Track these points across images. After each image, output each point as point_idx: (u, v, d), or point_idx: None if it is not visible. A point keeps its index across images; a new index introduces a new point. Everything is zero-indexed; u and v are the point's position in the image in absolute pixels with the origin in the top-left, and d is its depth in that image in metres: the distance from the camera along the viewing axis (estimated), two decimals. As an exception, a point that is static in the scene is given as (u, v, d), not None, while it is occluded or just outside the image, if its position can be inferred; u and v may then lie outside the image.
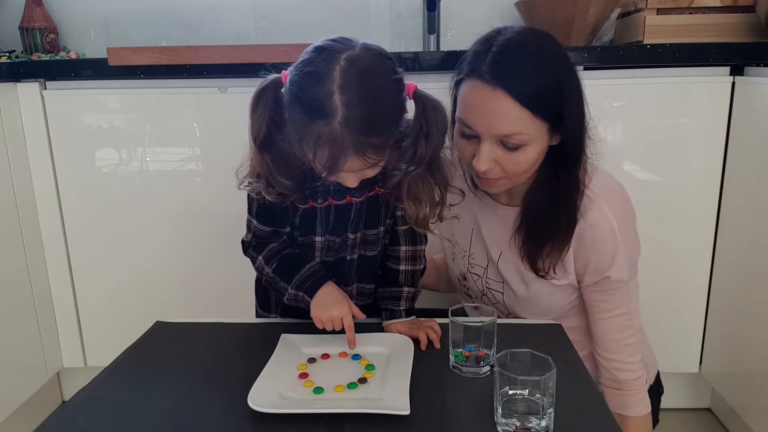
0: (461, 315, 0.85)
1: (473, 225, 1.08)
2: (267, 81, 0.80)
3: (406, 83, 0.79)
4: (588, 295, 1.01)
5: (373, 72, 0.75)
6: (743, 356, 1.34)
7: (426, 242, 1.01)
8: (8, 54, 1.67)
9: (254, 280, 1.07)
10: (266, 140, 0.81)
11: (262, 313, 1.09)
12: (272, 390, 0.76)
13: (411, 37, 1.91)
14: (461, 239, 1.11)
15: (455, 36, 1.90)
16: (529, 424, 0.68)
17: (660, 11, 1.49)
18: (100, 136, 1.49)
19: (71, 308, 1.60)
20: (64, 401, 1.71)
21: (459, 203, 0.91)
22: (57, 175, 1.52)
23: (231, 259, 1.09)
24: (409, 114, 0.82)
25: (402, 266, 0.99)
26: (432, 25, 1.78)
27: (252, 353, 0.88)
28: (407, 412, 0.70)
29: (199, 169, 1.51)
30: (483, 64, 0.87)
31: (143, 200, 1.52)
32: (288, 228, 0.94)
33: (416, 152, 0.80)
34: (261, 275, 0.97)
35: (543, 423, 0.68)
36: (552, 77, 0.87)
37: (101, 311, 1.60)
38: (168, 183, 1.51)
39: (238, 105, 1.46)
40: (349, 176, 0.80)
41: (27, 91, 1.46)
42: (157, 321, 1.02)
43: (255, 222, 0.93)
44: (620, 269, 0.95)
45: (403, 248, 0.98)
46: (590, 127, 0.93)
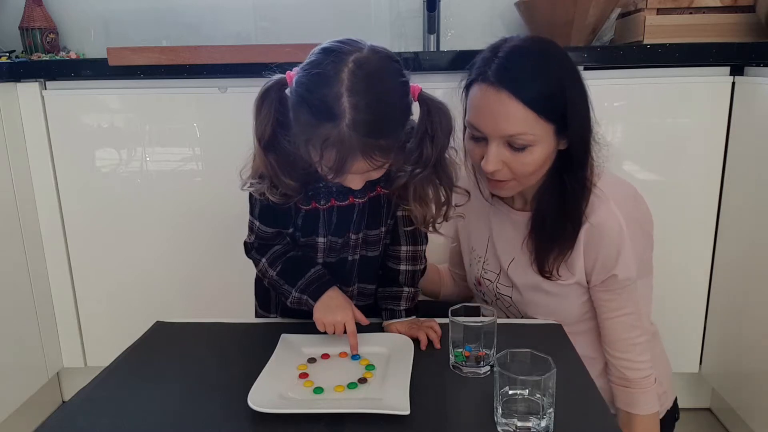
0: (461, 315, 0.85)
1: (489, 233, 1.10)
2: (271, 81, 0.80)
3: (411, 85, 0.79)
4: (596, 295, 1.01)
5: (381, 75, 0.75)
6: (743, 356, 1.34)
7: (426, 242, 1.01)
8: (8, 54, 1.67)
9: (254, 280, 1.07)
10: (271, 141, 0.80)
11: (262, 313, 1.09)
12: (272, 390, 0.76)
13: (411, 37, 1.91)
14: (478, 247, 1.14)
15: (455, 36, 1.90)
16: (529, 424, 0.68)
17: (660, 11, 1.49)
18: (100, 136, 1.49)
19: (71, 308, 1.60)
20: (64, 401, 1.71)
21: (465, 203, 0.92)
22: (57, 175, 1.52)
23: (231, 259, 1.09)
24: (414, 116, 0.82)
25: (402, 266, 0.99)
26: (432, 25, 1.78)
27: (252, 353, 0.88)
28: (407, 412, 0.70)
29: (199, 169, 1.51)
30: (489, 69, 0.90)
31: (143, 200, 1.52)
32: (291, 229, 0.94)
33: (422, 154, 0.81)
34: (264, 278, 0.97)
35: (543, 423, 0.68)
36: (554, 80, 0.90)
37: (101, 311, 1.60)
38: (168, 183, 1.51)
39: (238, 105, 1.46)
40: (355, 178, 0.79)
41: (27, 91, 1.46)
42: (157, 321, 1.02)
43: (258, 223, 0.93)
44: (626, 267, 0.96)
45: (404, 248, 0.98)
46: (597, 131, 0.95)
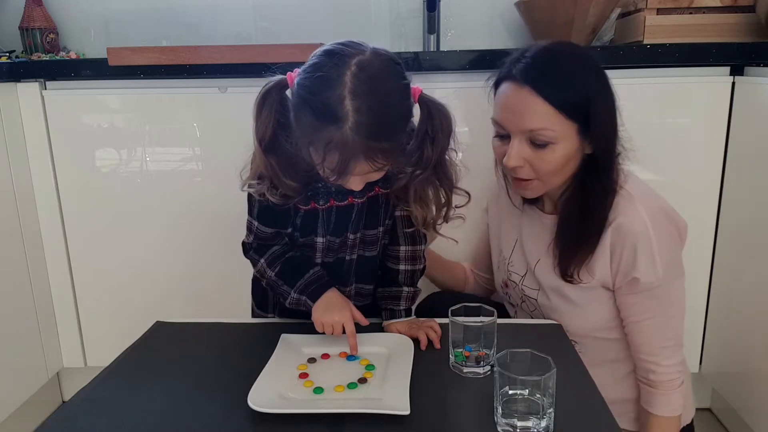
0: (461, 315, 0.85)
1: (518, 235, 1.12)
2: (272, 83, 0.80)
3: (412, 87, 0.79)
4: (621, 299, 1.00)
5: (384, 77, 0.75)
6: (743, 356, 1.34)
7: (425, 242, 1.01)
8: (8, 54, 1.67)
9: (251, 280, 1.07)
10: (272, 142, 0.80)
11: (259, 313, 1.09)
12: (272, 390, 0.76)
13: (411, 37, 1.91)
14: (505, 249, 1.15)
15: (455, 36, 1.90)
16: (529, 424, 0.68)
17: (660, 11, 1.49)
18: (100, 136, 1.49)
19: (71, 308, 1.60)
20: (64, 401, 1.71)
21: (465, 204, 0.92)
22: (57, 175, 1.52)
23: (231, 259, 1.09)
24: (414, 117, 0.82)
25: (401, 266, 0.99)
26: (432, 25, 1.78)
27: (252, 353, 0.88)
28: (407, 412, 0.70)
29: (199, 169, 1.51)
30: (515, 67, 0.93)
31: (143, 200, 1.52)
32: (290, 229, 0.94)
33: (422, 156, 0.81)
34: (262, 278, 0.97)
35: (543, 423, 0.68)
36: (578, 80, 0.92)
37: (101, 311, 1.60)
38: (168, 183, 1.51)
39: (238, 105, 1.46)
40: (356, 180, 0.80)
41: (27, 91, 1.46)
42: (157, 321, 1.02)
43: (257, 224, 0.93)
44: (651, 270, 0.95)
45: (403, 248, 0.98)
46: (623, 137, 0.96)
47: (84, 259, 1.56)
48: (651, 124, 1.40)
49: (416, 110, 0.81)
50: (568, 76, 0.92)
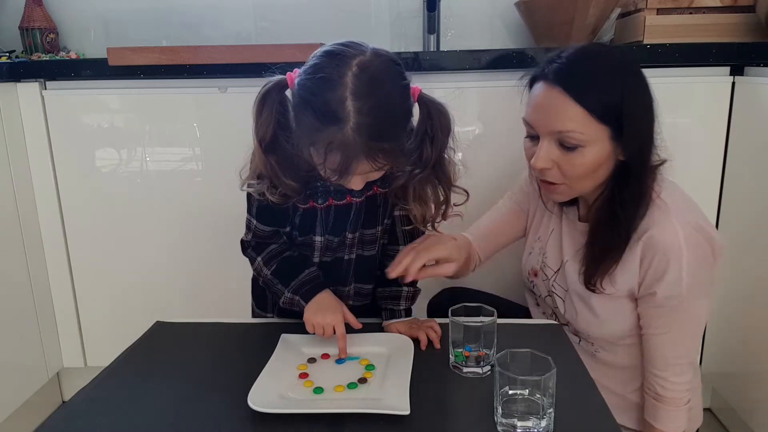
0: (461, 315, 0.85)
1: (555, 227, 1.09)
2: (271, 83, 0.80)
3: (411, 87, 0.79)
4: (642, 309, 0.98)
5: (384, 78, 0.75)
6: (743, 356, 1.34)
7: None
8: (8, 54, 1.67)
9: (251, 280, 1.07)
10: (272, 142, 0.80)
11: (259, 313, 1.09)
12: (272, 390, 0.76)
13: (411, 37, 1.91)
14: (542, 236, 1.12)
15: (455, 36, 1.90)
16: (529, 424, 0.68)
17: (660, 11, 1.49)
18: (100, 136, 1.49)
19: (71, 308, 1.60)
20: (64, 401, 1.71)
21: (464, 202, 0.91)
22: (57, 175, 1.52)
23: (231, 259, 1.09)
24: (414, 117, 0.82)
25: None
26: (432, 25, 1.78)
27: (252, 353, 0.88)
28: (407, 412, 0.70)
29: (199, 169, 1.51)
30: (549, 68, 0.92)
31: (143, 200, 1.52)
32: (288, 228, 0.94)
33: (422, 155, 0.81)
34: (259, 276, 0.97)
35: (543, 423, 0.68)
36: (612, 84, 0.89)
37: (101, 311, 1.60)
38: (168, 183, 1.51)
39: (238, 105, 1.46)
40: (356, 180, 0.80)
41: (27, 91, 1.46)
42: (157, 321, 1.02)
43: (255, 222, 0.93)
44: (671, 287, 0.92)
45: (402, 248, 0.98)
46: (660, 144, 0.94)
47: (84, 259, 1.56)
48: (651, 124, 1.39)
49: (415, 110, 0.81)
50: (602, 79, 0.90)
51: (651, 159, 0.93)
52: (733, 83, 1.35)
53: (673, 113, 1.39)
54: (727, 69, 1.36)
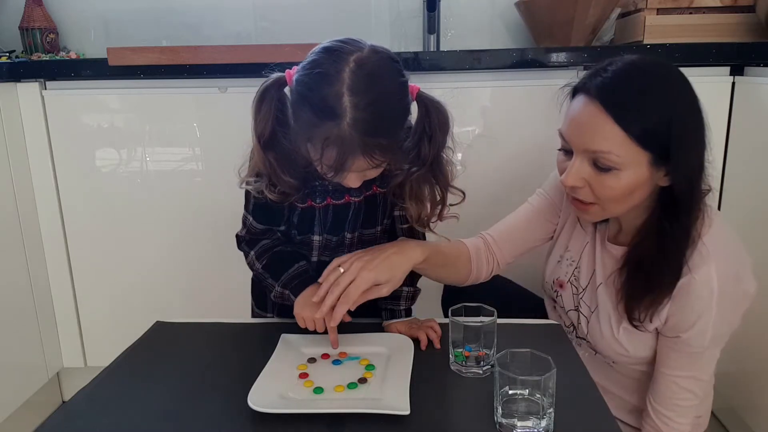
0: (461, 315, 0.85)
1: (589, 241, 1.03)
2: (270, 80, 0.80)
3: (410, 85, 0.79)
4: (661, 347, 0.95)
5: (382, 74, 0.75)
6: (743, 356, 1.34)
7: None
8: (8, 54, 1.67)
9: (251, 279, 1.07)
10: (270, 139, 0.81)
11: (259, 312, 1.09)
12: (272, 390, 0.76)
13: (411, 37, 1.91)
14: (573, 248, 1.05)
15: (455, 36, 1.90)
16: (529, 424, 0.68)
17: (660, 11, 1.49)
18: (100, 136, 1.49)
19: (71, 308, 1.60)
20: (64, 401, 1.71)
21: (459, 202, 0.89)
22: (57, 175, 1.52)
23: (231, 259, 1.08)
24: (412, 115, 0.82)
25: None
26: (432, 25, 1.78)
27: (252, 353, 0.88)
28: (407, 412, 0.70)
29: (199, 169, 1.51)
30: (593, 81, 0.85)
31: (143, 200, 1.52)
32: (283, 227, 0.95)
33: (419, 153, 0.81)
34: (251, 270, 0.98)
35: (543, 423, 0.68)
36: (660, 107, 0.82)
37: (101, 311, 1.60)
38: (168, 183, 1.51)
39: (238, 105, 1.46)
40: (353, 177, 0.80)
41: (27, 91, 1.46)
42: (157, 321, 1.02)
43: (251, 219, 0.94)
44: (698, 336, 0.89)
45: None
46: (709, 176, 0.88)
47: (84, 259, 1.57)
48: (651, 124, 1.39)
49: (414, 108, 0.81)
50: (648, 101, 0.82)
51: (700, 190, 0.87)
52: (733, 83, 1.35)
53: (673, 113, 1.39)
54: (727, 69, 1.36)
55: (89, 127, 1.49)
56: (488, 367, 0.82)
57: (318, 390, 0.78)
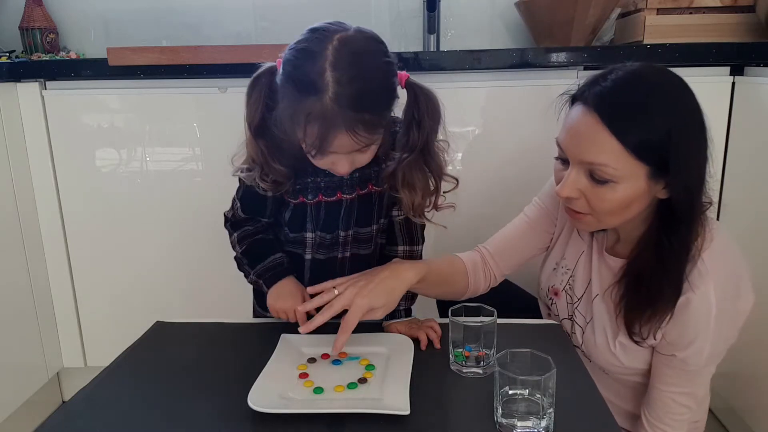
0: (461, 315, 0.85)
1: (585, 251, 1.01)
2: (263, 68, 0.82)
3: (399, 73, 0.79)
4: (656, 362, 0.94)
5: (365, 53, 0.76)
6: (743, 356, 1.34)
7: (423, 242, 1.01)
8: (8, 54, 1.67)
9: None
10: (261, 126, 0.82)
11: (261, 312, 1.09)
12: (272, 390, 0.76)
13: (411, 37, 1.91)
14: (569, 256, 1.04)
15: (455, 36, 1.90)
16: (529, 424, 0.68)
17: (660, 11, 1.49)
18: (100, 136, 1.49)
19: (71, 308, 1.60)
20: (64, 401, 1.71)
21: (452, 188, 0.89)
22: (57, 175, 1.52)
23: (231, 259, 1.08)
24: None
25: None
26: (432, 25, 1.78)
27: (252, 353, 0.88)
28: (407, 412, 0.70)
29: (199, 169, 1.51)
30: (590, 90, 0.83)
31: (143, 200, 1.52)
32: (268, 219, 0.97)
33: (409, 140, 0.82)
34: (233, 250, 1.00)
35: (543, 423, 0.68)
36: (659, 120, 0.80)
37: (101, 311, 1.60)
38: (168, 183, 1.51)
39: (238, 105, 1.45)
40: (340, 159, 0.79)
41: (27, 91, 1.46)
42: (157, 321, 1.02)
43: (238, 204, 0.97)
44: (695, 355, 0.88)
45: (401, 248, 0.98)
46: (709, 190, 0.85)
47: (84, 259, 1.57)
48: (651, 124, 1.39)
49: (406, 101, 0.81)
50: (647, 113, 0.79)
51: (701, 204, 0.85)
52: (733, 83, 1.35)
53: (673, 113, 1.39)
54: (727, 69, 1.36)
55: (89, 127, 1.49)
56: (488, 367, 0.82)
57: (318, 390, 0.78)
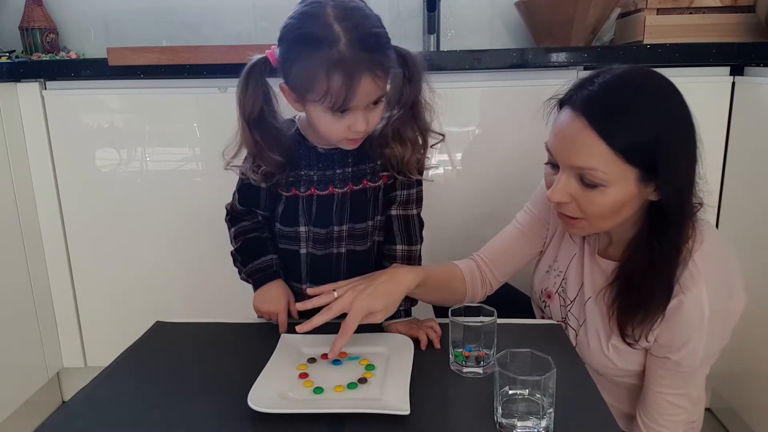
0: (461, 315, 0.85)
1: (577, 253, 1.01)
2: (254, 60, 0.84)
3: None
4: (650, 364, 0.94)
5: (360, 8, 0.81)
6: (743, 356, 1.34)
7: (422, 242, 1.01)
8: (8, 54, 1.67)
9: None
10: (258, 117, 0.85)
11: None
12: (272, 390, 0.76)
13: (411, 37, 1.91)
14: (561, 259, 1.04)
15: (455, 36, 1.90)
16: (529, 424, 0.68)
17: (660, 11, 1.49)
18: (100, 136, 1.49)
19: (71, 308, 1.60)
20: (64, 401, 1.71)
21: (438, 142, 0.92)
22: (57, 175, 1.52)
23: (231, 260, 1.09)
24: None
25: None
26: (432, 25, 1.78)
27: (252, 353, 0.88)
28: (407, 412, 0.70)
29: (199, 169, 1.51)
30: (578, 94, 0.84)
31: (143, 200, 1.52)
32: (264, 212, 0.98)
33: (401, 96, 0.87)
34: (231, 245, 1.02)
35: (543, 423, 0.68)
36: (647, 123, 0.80)
37: (101, 311, 1.60)
38: (168, 183, 1.51)
39: (238, 105, 1.44)
40: (358, 118, 0.81)
41: (27, 91, 1.47)
42: (157, 321, 1.02)
43: (237, 196, 0.99)
44: (689, 357, 0.88)
45: (399, 247, 0.99)
46: (701, 191, 0.85)
47: (84, 259, 1.57)
48: (651, 124, 1.39)
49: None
50: (635, 116, 0.80)
51: (691, 205, 0.85)
52: (733, 83, 1.35)
53: (673, 113, 1.39)
54: (727, 69, 1.36)
55: (89, 127, 1.49)
56: (488, 367, 0.82)
57: (318, 390, 0.78)
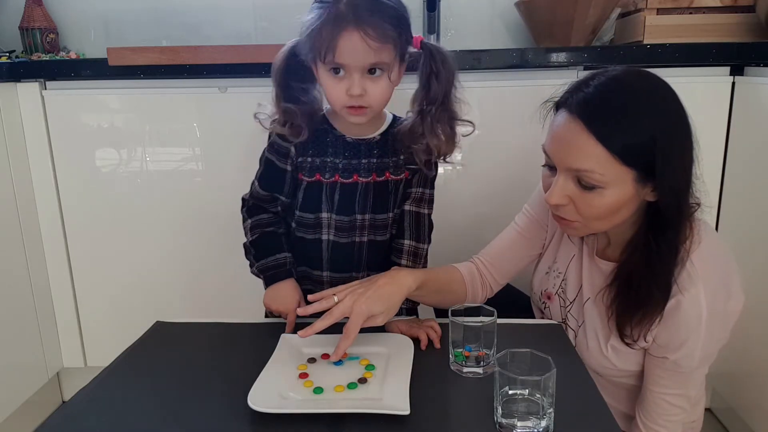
0: (461, 315, 0.85)
1: (576, 254, 1.02)
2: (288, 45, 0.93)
3: (414, 36, 0.88)
4: (648, 364, 0.94)
5: None
6: (743, 356, 1.34)
7: (429, 243, 1.01)
8: (8, 54, 1.67)
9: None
10: (284, 73, 0.92)
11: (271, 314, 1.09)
12: (272, 390, 0.76)
13: (411, 37, 1.91)
14: (560, 260, 1.04)
15: (455, 36, 1.90)
16: (529, 424, 0.68)
17: (660, 11, 1.49)
18: (100, 136, 1.49)
19: (71, 308, 1.60)
20: (64, 401, 1.71)
21: (470, 133, 0.95)
22: (57, 175, 1.52)
23: (231, 259, 1.09)
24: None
25: (403, 261, 1.00)
26: (432, 25, 1.78)
27: (252, 353, 0.88)
28: (407, 412, 0.70)
29: (199, 169, 1.51)
30: (574, 96, 0.84)
31: (143, 200, 1.52)
32: (286, 198, 0.99)
33: (429, 92, 0.90)
34: (244, 236, 1.02)
35: (543, 423, 0.68)
36: (644, 124, 0.80)
37: (101, 311, 1.60)
38: (168, 183, 1.51)
39: (238, 105, 1.46)
40: (354, 81, 0.84)
41: (27, 91, 1.46)
42: (157, 321, 1.02)
43: (256, 183, 0.99)
44: (687, 357, 0.88)
45: (407, 242, 1.00)
46: (698, 191, 0.86)
47: (84, 259, 1.57)
48: (651, 124, 1.39)
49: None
50: (630, 118, 0.80)
51: (688, 206, 0.85)
52: (733, 83, 1.35)
53: (673, 113, 1.39)
54: (727, 69, 1.36)
55: (89, 127, 1.49)
56: (488, 367, 0.82)
57: (318, 390, 0.78)
